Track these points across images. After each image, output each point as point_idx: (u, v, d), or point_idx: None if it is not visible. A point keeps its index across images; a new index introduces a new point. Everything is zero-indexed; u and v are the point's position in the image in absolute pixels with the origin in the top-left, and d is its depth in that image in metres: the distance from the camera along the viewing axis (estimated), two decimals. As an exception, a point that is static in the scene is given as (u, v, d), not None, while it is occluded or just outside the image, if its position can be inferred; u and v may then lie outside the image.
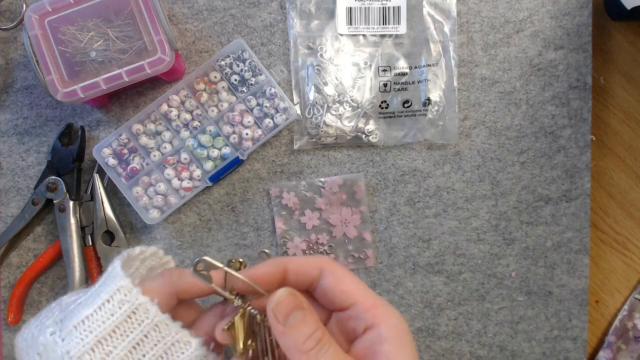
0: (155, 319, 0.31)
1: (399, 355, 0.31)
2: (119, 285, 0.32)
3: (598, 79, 0.58)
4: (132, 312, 0.31)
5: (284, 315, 0.31)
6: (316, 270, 0.34)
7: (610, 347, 0.57)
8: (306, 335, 0.30)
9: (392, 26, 0.54)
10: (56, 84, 0.47)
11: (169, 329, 0.31)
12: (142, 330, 0.31)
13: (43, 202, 0.53)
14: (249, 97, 0.53)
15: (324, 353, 0.30)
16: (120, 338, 0.31)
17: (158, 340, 0.31)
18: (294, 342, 0.30)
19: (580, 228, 0.56)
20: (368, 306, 0.33)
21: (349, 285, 0.34)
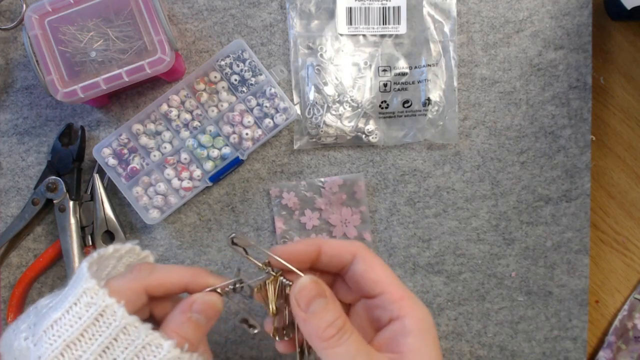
0: (123, 322, 0.30)
1: (422, 349, 0.31)
2: (84, 288, 0.31)
3: (598, 79, 0.58)
4: (100, 315, 0.30)
5: (306, 302, 0.31)
6: (349, 256, 0.34)
7: (610, 347, 0.57)
8: (327, 323, 0.30)
9: (392, 26, 0.54)
10: (56, 84, 0.47)
11: (138, 332, 0.30)
12: (111, 333, 0.30)
13: (43, 202, 0.53)
14: (249, 97, 0.53)
15: (344, 341, 0.30)
16: (89, 342, 0.30)
17: (128, 344, 0.30)
18: (315, 329, 0.30)
19: (580, 228, 0.56)
20: (395, 297, 0.33)
21: (379, 274, 0.34)
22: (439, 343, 0.33)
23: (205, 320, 0.32)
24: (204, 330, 0.32)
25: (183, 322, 0.32)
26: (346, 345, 0.30)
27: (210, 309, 0.33)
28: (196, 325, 0.32)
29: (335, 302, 0.32)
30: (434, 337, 0.33)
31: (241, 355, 0.55)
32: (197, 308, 0.32)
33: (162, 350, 0.30)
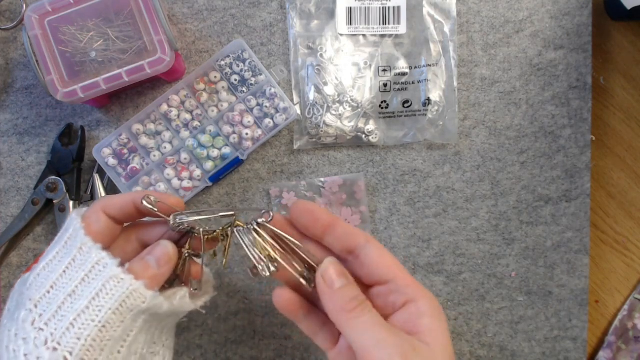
0: (79, 241, 0.34)
1: (437, 330, 0.34)
2: (67, 221, 0.36)
3: (598, 79, 0.58)
4: (68, 239, 0.35)
5: (332, 280, 0.34)
6: (363, 238, 0.36)
7: (610, 347, 0.57)
8: (350, 297, 0.34)
9: (392, 26, 0.54)
10: (56, 84, 0.47)
11: (90, 251, 0.34)
12: (71, 253, 0.34)
13: (43, 202, 0.53)
14: (249, 97, 0.53)
15: (366, 313, 0.33)
16: (57, 264, 0.34)
17: (82, 262, 0.34)
18: (340, 303, 0.34)
19: (580, 228, 0.56)
20: (408, 282, 0.35)
21: (390, 260, 0.36)
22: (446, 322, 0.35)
23: (155, 262, 0.35)
24: (152, 271, 0.34)
25: (135, 260, 0.35)
26: (369, 315, 0.33)
27: (160, 253, 0.35)
28: (145, 264, 0.35)
29: (355, 284, 0.35)
30: (444, 319, 0.35)
31: (241, 355, 0.55)
32: (152, 251, 0.35)
33: (107, 269, 0.33)
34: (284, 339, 0.55)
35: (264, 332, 0.55)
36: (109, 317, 0.32)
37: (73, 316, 0.32)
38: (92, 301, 0.32)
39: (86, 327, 0.32)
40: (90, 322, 0.32)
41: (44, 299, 0.33)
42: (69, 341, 0.31)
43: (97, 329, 0.32)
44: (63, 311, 0.32)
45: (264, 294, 0.55)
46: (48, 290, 0.33)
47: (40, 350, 0.31)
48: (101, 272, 0.33)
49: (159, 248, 0.36)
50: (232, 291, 0.55)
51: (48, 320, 0.32)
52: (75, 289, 0.33)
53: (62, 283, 0.33)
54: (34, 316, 0.32)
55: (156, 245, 0.36)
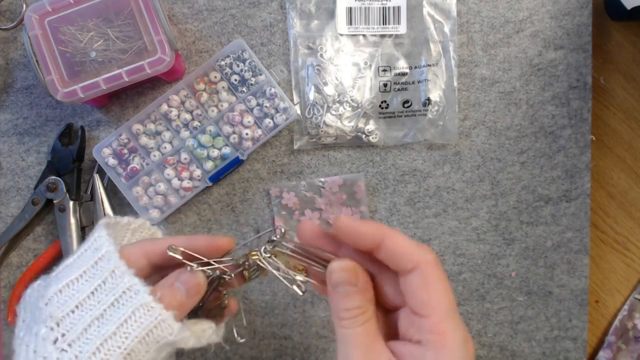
0: (112, 264, 0.33)
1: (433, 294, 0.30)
2: (95, 235, 0.35)
3: (598, 79, 0.58)
4: (99, 259, 0.34)
5: (334, 284, 0.33)
6: (410, 265, 0.31)
7: (610, 347, 0.57)
8: (345, 307, 0.32)
9: (392, 26, 0.54)
10: (56, 84, 0.47)
11: (122, 275, 0.33)
12: (102, 275, 0.33)
13: (43, 202, 0.53)
14: (249, 97, 0.53)
15: (354, 327, 0.32)
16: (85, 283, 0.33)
17: (113, 287, 0.33)
18: (335, 307, 0.33)
19: (580, 228, 0.56)
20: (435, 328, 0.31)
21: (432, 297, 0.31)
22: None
23: (185, 292, 0.34)
24: (180, 299, 0.34)
25: (164, 286, 0.34)
26: (354, 331, 0.32)
27: (192, 282, 0.35)
28: (175, 292, 0.34)
29: (364, 293, 0.32)
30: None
31: (241, 355, 0.55)
32: (181, 278, 0.35)
33: (138, 295, 0.32)
34: (284, 339, 0.55)
35: (264, 332, 0.55)
36: (134, 345, 0.32)
37: (100, 341, 0.31)
38: (120, 327, 0.32)
39: (112, 354, 0.31)
40: (116, 348, 0.31)
41: (67, 318, 0.32)
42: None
43: (122, 357, 0.31)
44: (89, 334, 0.32)
45: (264, 294, 0.55)
46: (72, 309, 0.32)
47: None
48: (132, 299, 0.32)
49: (191, 277, 0.35)
50: (232, 291, 0.55)
51: (72, 341, 0.31)
52: (104, 313, 0.32)
53: (89, 305, 0.33)
54: (55, 335, 0.32)
55: (185, 272, 0.35)
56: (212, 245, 0.36)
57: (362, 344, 0.31)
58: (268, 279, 0.55)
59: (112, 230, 0.37)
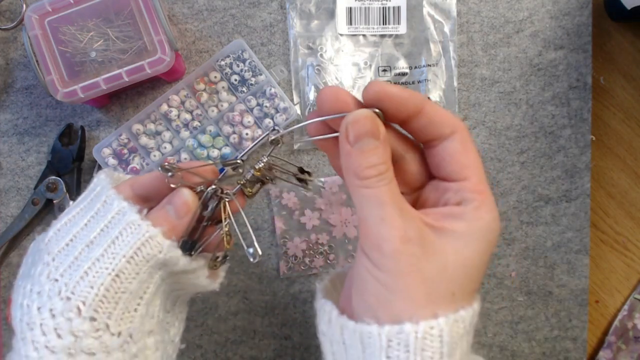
0: (104, 196, 0.33)
1: (467, 240, 0.29)
2: (95, 180, 0.36)
3: (598, 79, 0.58)
4: (95, 196, 0.34)
5: (356, 137, 0.29)
6: (449, 130, 0.30)
7: (610, 347, 0.57)
8: (370, 164, 0.28)
9: (392, 26, 0.54)
10: (56, 84, 0.47)
11: (112, 201, 0.33)
12: (95, 207, 0.33)
13: (43, 202, 0.53)
14: (249, 97, 0.53)
15: (381, 186, 0.28)
16: (80, 218, 0.34)
17: (104, 214, 0.33)
18: (356, 166, 0.29)
19: (580, 228, 0.56)
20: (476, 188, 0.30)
21: (471, 160, 0.30)
22: (489, 254, 0.30)
23: (174, 212, 0.33)
24: (171, 221, 0.33)
25: (155, 209, 0.34)
26: (380, 190, 0.28)
27: (179, 202, 0.33)
28: (165, 214, 0.33)
29: (386, 148, 0.29)
30: (488, 243, 0.29)
31: (241, 355, 0.55)
32: (171, 200, 0.34)
33: (126, 215, 0.32)
34: (284, 339, 0.55)
35: (264, 332, 0.55)
36: (122, 265, 0.31)
37: (87, 265, 0.31)
38: (108, 249, 0.31)
39: (99, 275, 0.30)
40: (103, 269, 0.30)
41: (62, 252, 0.32)
42: (82, 289, 0.30)
43: (110, 278, 0.30)
44: (79, 261, 0.31)
45: (264, 294, 0.55)
46: (67, 243, 0.32)
47: (53, 300, 0.30)
48: (120, 220, 0.32)
49: (178, 197, 0.33)
50: (232, 291, 0.55)
51: (64, 271, 0.31)
52: (94, 239, 0.32)
53: (81, 235, 0.32)
54: (50, 269, 0.31)
55: (174, 194, 0.34)
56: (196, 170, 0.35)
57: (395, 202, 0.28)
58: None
59: (111, 179, 0.36)
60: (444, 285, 0.28)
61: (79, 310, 0.30)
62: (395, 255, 0.27)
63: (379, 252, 0.28)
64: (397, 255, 0.27)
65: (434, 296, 0.28)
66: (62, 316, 0.29)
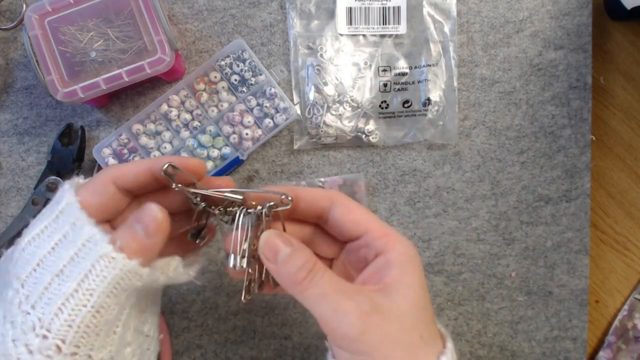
0: (73, 217, 0.31)
1: (405, 279, 0.32)
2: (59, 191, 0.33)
3: (598, 79, 0.58)
4: (60, 212, 0.31)
5: (274, 254, 0.32)
6: (327, 201, 0.35)
7: (610, 347, 0.57)
8: (297, 268, 0.31)
9: (392, 26, 0.54)
10: (56, 84, 0.47)
11: (82, 227, 0.31)
12: (62, 229, 0.31)
13: (43, 202, 0.53)
14: (249, 97, 0.53)
15: (317, 281, 0.31)
16: (46, 239, 0.31)
17: (73, 240, 0.30)
18: (288, 276, 0.31)
19: (580, 228, 0.56)
20: (379, 234, 0.33)
21: (359, 215, 0.34)
22: (423, 274, 0.33)
23: (144, 232, 0.31)
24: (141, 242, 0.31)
25: (122, 230, 0.31)
26: (319, 284, 0.31)
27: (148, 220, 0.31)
28: (134, 234, 0.31)
29: (303, 249, 0.32)
30: (417, 269, 0.33)
31: (241, 355, 0.55)
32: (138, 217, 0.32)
33: (97, 246, 0.30)
34: (284, 339, 0.55)
35: (264, 332, 0.55)
36: (102, 301, 0.29)
37: (61, 300, 0.29)
38: (82, 283, 0.29)
39: (77, 314, 0.29)
40: (81, 307, 0.29)
41: (30, 278, 0.30)
42: (60, 328, 0.28)
43: (90, 315, 0.29)
44: (50, 293, 0.29)
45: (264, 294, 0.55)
46: (34, 268, 0.30)
47: (28, 336, 0.28)
48: (91, 250, 0.30)
49: (146, 213, 0.31)
50: (232, 291, 0.55)
51: (35, 302, 0.29)
52: (63, 269, 0.30)
53: (49, 261, 0.30)
54: (20, 297, 0.29)
55: (143, 210, 0.32)
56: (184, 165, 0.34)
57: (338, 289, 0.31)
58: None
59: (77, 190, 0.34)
60: (411, 335, 0.30)
61: (58, 348, 0.28)
62: (363, 336, 0.29)
63: (348, 340, 0.30)
64: (364, 336, 0.29)
65: (410, 350, 0.30)
66: (40, 354, 0.28)
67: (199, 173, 0.35)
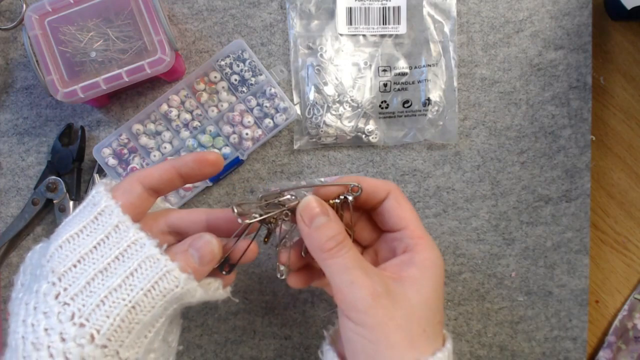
0: (116, 219, 0.33)
1: (421, 281, 0.34)
2: (93, 192, 0.35)
3: (598, 79, 0.58)
4: (99, 214, 0.33)
5: (310, 218, 0.34)
6: (384, 193, 0.37)
7: (610, 347, 0.57)
8: (328, 237, 0.33)
9: (392, 26, 0.54)
10: (56, 84, 0.47)
11: (127, 229, 0.33)
12: (104, 230, 0.33)
13: (43, 202, 0.53)
14: (249, 97, 0.53)
15: (343, 253, 0.33)
16: (86, 238, 0.33)
17: (117, 240, 0.32)
18: (317, 242, 0.34)
19: (580, 228, 0.56)
20: (414, 234, 0.36)
21: (405, 212, 0.37)
22: (441, 284, 0.35)
23: (198, 259, 0.34)
24: (193, 266, 0.34)
25: (177, 252, 0.34)
26: (344, 257, 0.33)
27: (205, 250, 0.34)
28: (188, 258, 0.34)
29: (337, 222, 0.35)
30: (437, 276, 0.35)
31: (241, 355, 0.55)
32: (195, 245, 0.34)
33: (144, 248, 0.32)
34: (284, 339, 0.55)
35: (264, 332, 0.55)
36: (140, 297, 0.31)
37: (104, 293, 0.31)
38: (126, 280, 0.31)
39: (116, 306, 0.31)
40: (121, 300, 0.31)
41: (69, 273, 0.32)
42: (98, 318, 0.30)
43: (126, 309, 0.31)
44: (93, 287, 0.31)
45: (264, 294, 0.55)
46: (75, 264, 0.32)
47: (65, 325, 0.30)
48: (137, 252, 0.32)
49: (204, 243, 0.34)
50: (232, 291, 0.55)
51: (75, 295, 0.31)
52: (108, 266, 0.32)
53: (92, 258, 0.32)
54: (57, 289, 0.31)
55: (200, 238, 0.35)
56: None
57: (359, 265, 0.33)
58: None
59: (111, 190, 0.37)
60: (415, 325, 0.32)
61: (92, 337, 0.30)
62: (370, 310, 0.32)
63: (356, 311, 0.32)
64: (372, 310, 0.32)
65: (410, 338, 0.32)
66: (74, 341, 0.30)
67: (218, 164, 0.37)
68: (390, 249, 0.38)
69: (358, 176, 0.38)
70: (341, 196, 0.37)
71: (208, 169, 0.36)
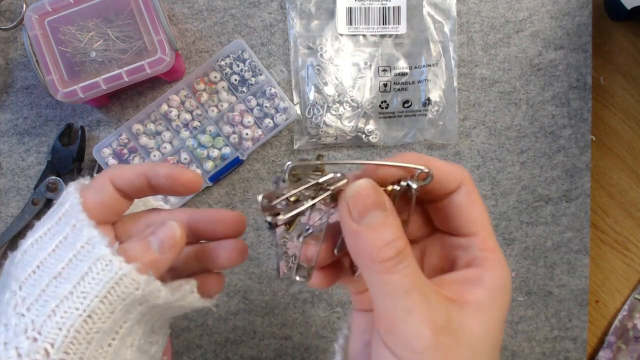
0: (74, 218, 0.30)
1: (489, 307, 0.26)
2: (64, 192, 0.31)
3: (598, 79, 0.58)
4: (63, 214, 0.30)
5: (361, 211, 0.25)
6: (455, 184, 0.28)
7: (610, 347, 0.57)
8: (385, 241, 0.24)
9: (392, 26, 0.54)
10: (56, 84, 0.47)
11: (82, 229, 0.29)
12: (64, 231, 0.30)
13: (43, 202, 0.53)
14: (249, 97, 0.53)
15: (402, 268, 0.24)
16: (47, 241, 0.30)
17: (73, 242, 0.29)
18: (369, 247, 0.24)
19: (580, 228, 0.56)
20: (486, 246, 0.28)
21: (477, 215, 0.28)
22: (507, 312, 0.28)
23: (158, 246, 0.30)
24: (152, 255, 0.29)
25: (134, 239, 0.30)
26: (402, 274, 0.24)
27: (165, 235, 0.30)
28: (146, 246, 0.30)
29: (396, 219, 0.25)
30: (505, 302, 0.27)
31: (241, 355, 0.55)
32: (156, 232, 0.30)
33: (95, 248, 0.29)
34: (284, 339, 0.55)
35: (264, 332, 0.55)
36: (95, 305, 0.28)
37: (55, 302, 0.27)
38: (77, 286, 0.28)
39: (68, 317, 0.27)
40: (73, 310, 0.27)
41: (28, 280, 0.29)
42: (50, 331, 0.27)
43: (81, 319, 0.27)
44: (46, 296, 0.28)
45: (264, 294, 0.55)
46: (34, 270, 0.29)
47: (19, 339, 0.27)
48: (89, 253, 0.28)
49: (165, 229, 0.30)
50: (232, 291, 0.55)
51: (30, 304, 0.28)
52: (62, 271, 0.28)
53: (49, 263, 0.29)
54: (16, 299, 0.28)
55: (162, 225, 0.30)
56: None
57: (420, 287, 0.24)
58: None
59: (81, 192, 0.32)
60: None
61: (47, 352, 0.27)
62: (428, 352, 0.24)
63: (409, 349, 0.24)
64: (430, 352, 0.24)
65: None
66: (28, 357, 0.27)
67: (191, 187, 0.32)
68: (447, 257, 0.29)
69: (421, 154, 0.28)
70: (402, 182, 0.27)
71: (180, 189, 0.32)
